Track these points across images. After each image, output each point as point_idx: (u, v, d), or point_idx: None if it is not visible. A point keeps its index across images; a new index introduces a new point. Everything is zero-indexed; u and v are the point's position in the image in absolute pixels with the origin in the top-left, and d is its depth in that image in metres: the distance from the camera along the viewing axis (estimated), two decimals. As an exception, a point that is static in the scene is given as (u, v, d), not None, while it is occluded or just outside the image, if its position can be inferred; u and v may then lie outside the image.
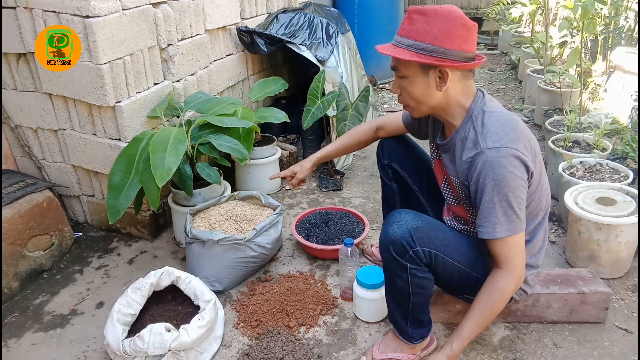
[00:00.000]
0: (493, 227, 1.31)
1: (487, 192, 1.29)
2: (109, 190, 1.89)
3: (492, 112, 1.36)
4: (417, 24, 1.29)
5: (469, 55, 1.31)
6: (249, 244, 1.92)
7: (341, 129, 2.64)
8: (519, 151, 1.29)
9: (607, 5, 2.96)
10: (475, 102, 1.38)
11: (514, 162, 1.28)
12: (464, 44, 1.29)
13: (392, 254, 1.37)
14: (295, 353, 1.61)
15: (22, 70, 2.16)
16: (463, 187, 1.42)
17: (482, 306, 1.37)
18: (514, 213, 1.30)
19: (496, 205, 1.29)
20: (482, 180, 1.30)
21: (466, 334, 1.38)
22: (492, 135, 1.31)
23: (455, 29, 1.26)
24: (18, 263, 2.02)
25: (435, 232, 1.40)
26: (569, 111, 2.69)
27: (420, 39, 1.28)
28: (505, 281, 1.34)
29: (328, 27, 3.01)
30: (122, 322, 1.60)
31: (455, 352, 1.38)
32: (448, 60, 1.28)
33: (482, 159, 1.29)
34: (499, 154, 1.28)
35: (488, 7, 5.97)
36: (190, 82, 2.47)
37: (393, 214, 1.43)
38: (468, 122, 1.37)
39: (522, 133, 1.35)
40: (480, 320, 1.37)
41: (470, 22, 1.29)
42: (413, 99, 1.39)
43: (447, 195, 1.59)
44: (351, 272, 1.84)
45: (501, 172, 1.27)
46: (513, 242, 1.32)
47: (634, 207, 1.89)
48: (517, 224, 1.31)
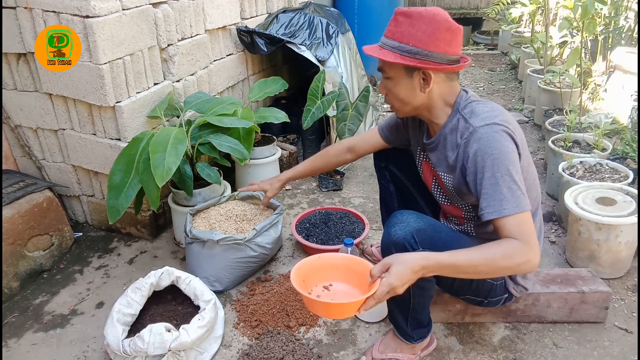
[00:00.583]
0: (500, 205, 1.23)
1: (488, 169, 1.26)
2: (109, 190, 1.89)
3: (477, 102, 1.39)
4: (402, 26, 1.30)
5: (453, 57, 1.32)
6: (249, 244, 1.92)
7: (341, 129, 2.64)
8: (509, 129, 1.30)
9: (607, 5, 2.96)
10: (460, 98, 1.40)
11: (506, 136, 1.29)
12: (448, 47, 1.29)
13: None
14: (295, 353, 1.61)
15: (22, 70, 2.16)
16: (455, 180, 1.40)
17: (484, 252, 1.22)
18: (518, 188, 1.24)
19: (499, 180, 1.24)
20: (481, 157, 1.27)
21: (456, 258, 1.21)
22: (482, 116, 1.33)
23: (440, 32, 1.27)
24: (18, 263, 2.02)
25: (437, 233, 1.39)
26: (569, 111, 2.69)
27: (405, 41, 1.29)
28: (518, 245, 1.20)
29: (328, 27, 3.01)
30: (122, 322, 1.60)
31: (431, 256, 1.20)
32: (432, 63, 1.29)
33: (476, 137, 1.29)
34: (492, 130, 1.28)
35: (488, 7, 5.97)
36: (190, 82, 2.47)
37: (395, 215, 1.42)
38: (455, 115, 1.38)
39: (509, 118, 1.36)
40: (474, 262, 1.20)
41: (455, 25, 1.30)
42: (398, 99, 1.40)
43: (439, 196, 1.59)
44: (351, 272, 1.84)
45: (498, 146, 1.26)
46: (522, 219, 1.23)
47: (634, 207, 1.89)
48: (522, 200, 1.24)
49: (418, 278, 1.20)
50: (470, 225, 1.53)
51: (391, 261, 1.19)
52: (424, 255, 1.21)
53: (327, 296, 1.33)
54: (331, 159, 1.90)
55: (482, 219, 1.27)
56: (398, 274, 1.17)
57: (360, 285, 1.31)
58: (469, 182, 1.33)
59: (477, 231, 1.51)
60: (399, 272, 1.17)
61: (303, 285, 1.29)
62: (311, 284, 1.34)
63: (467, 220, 1.53)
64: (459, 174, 1.37)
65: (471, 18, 7.49)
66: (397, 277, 1.16)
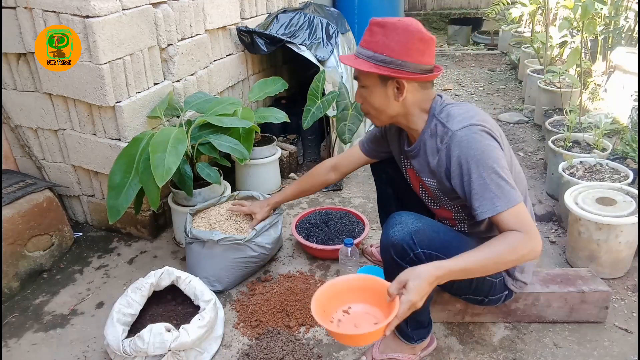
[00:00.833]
0: (492, 203, 1.26)
1: (473, 171, 1.28)
2: (109, 190, 1.89)
3: (452, 105, 1.40)
4: (377, 36, 1.33)
5: (426, 67, 1.34)
6: (248, 244, 1.92)
7: (341, 129, 2.64)
8: (487, 128, 1.32)
9: (607, 5, 2.96)
10: (435, 103, 1.42)
11: (485, 135, 1.31)
12: (421, 57, 1.32)
13: (393, 256, 1.37)
14: (295, 353, 1.61)
15: (22, 70, 2.16)
16: (441, 184, 1.41)
17: (490, 250, 1.24)
18: (507, 183, 1.27)
19: (486, 180, 1.26)
20: (464, 161, 1.29)
21: (463, 259, 1.23)
22: (458, 118, 1.34)
23: (412, 42, 1.30)
24: (18, 263, 2.02)
25: (436, 234, 1.40)
26: (569, 111, 2.69)
27: (379, 50, 1.32)
28: (520, 236, 1.23)
29: (328, 27, 3.01)
30: (122, 322, 1.60)
31: (443, 265, 1.22)
32: (405, 72, 1.32)
33: (456, 141, 1.31)
34: (470, 131, 1.30)
35: (488, 7, 5.97)
36: (190, 82, 2.48)
37: (394, 216, 1.43)
38: (432, 120, 1.40)
39: (486, 117, 1.38)
40: (482, 260, 1.23)
41: (428, 35, 1.32)
42: (373, 108, 1.43)
43: (428, 201, 1.60)
44: (351, 272, 1.84)
45: (479, 146, 1.29)
46: (517, 211, 1.26)
47: (634, 207, 1.89)
48: (513, 194, 1.26)
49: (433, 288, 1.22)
50: (463, 225, 1.53)
51: (406, 277, 1.20)
52: (435, 266, 1.22)
53: (349, 321, 1.32)
54: (316, 180, 1.92)
55: (477, 218, 1.29)
56: (416, 289, 1.18)
57: (377, 302, 1.31)
58: (454, 185, 1.35)
59: (470, 231, 1.52)
60: (416, 287, 1.18)
61: (324, 315, 1.29)
62: (331, 311, 1.34)
63: (459, 222, 1.54)
64: (443, 177, 1.39)
65: (471, 18, 7.49)
66: (416, 292, 1.18)
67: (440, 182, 1.41)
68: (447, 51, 6.46)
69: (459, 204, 1.46)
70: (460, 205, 1.46)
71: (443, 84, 4.92)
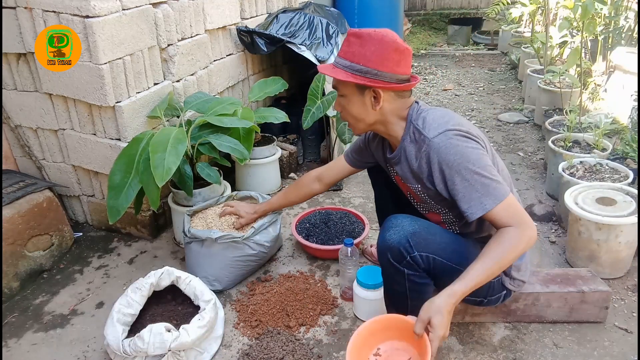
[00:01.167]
0: (480, 202, 1.28)
1: (455, 176, 1.30)
2: (109, 190, 1.89)
3: (427, 110, 1.42)
4: (353, 47, 1.35)
5: (402, 77, 1.37)
6: (247, 242, 1.92)
7: (341, 129, 2.64)
8: (462, 130, 1.34)
9: (607, 5, 2.96)
10: (412, 110, 1.43)
11: (462, 138, 1.32)
12: (397, 67, 1.34)
13: (390, 260, 1.38)
14: (295, 353, 1.61)
15: (22, 70, 2.16)
16: (425, 189, 1.43)
17: (492, 254, 1.27)
18: (492, 180, 1.29)
19: (470, 181, 1.29)
20: (445, 167, 1.31)
21: (471, 277, 1.26)
22: (434, 125, 1.36)
23: (388, 52, 1.32)
24: (18, 263, 2.02)
25: (432, 236, 1.40)
26: (569, 111, 2.69)
27: (356, 60, 1.34)
28: (516, 232, 1.27)
29: (328, 27, 3.01)
30: (122, 322, 1.60)
31: (455, 292, 1.25)
32: (381, 82, 1.34)
33: (433, 148, 1.33)
34: (446, 137, 1.32)
35: (488, 7, 5.97)
36: (190, 82, 2.48)
37: (390, 219, 1.43)
38: (409, 127, 1.42)
39: (460, 120, 1.39)
40: (488, 268, 1.26)
41: (403, 46, 1.34)
42: (352, 116, 1.45)
43: (417, 206, 1.61)
44: (351, 272, 1.84)
45: (456, 151, 1.30)
46: (507, 205, 1.28)
47: (634, 207, 1.89)
48: (499, 189, 1.28)
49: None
50: (454, 228, 1.54)
51: (428, 315, 1.23)
52: (449, 294, 1.25)
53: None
54: (301, 190, 1.94)
55: (469, 220, 1.32)
56: (441, 324, 1.21)
57: (402, 335, 1.34)
58: (440, 190, 1.37)
59: (462, 231, 1.53)
60: (441, 323, 1.21)
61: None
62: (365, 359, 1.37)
63: (449, 224, 1.55)
64: (426, 182, 1.40)
65: (471, 18, 7.49)
66: (442, 327, 1.21)
67: (425, 187, 1.43)
68: (447, 51, 6.46)
69: (446, 206, 1.47)
70: (447, 207, 1.48)
71: (443, 84, 4.92)
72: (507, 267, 1.32)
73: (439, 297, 1.26)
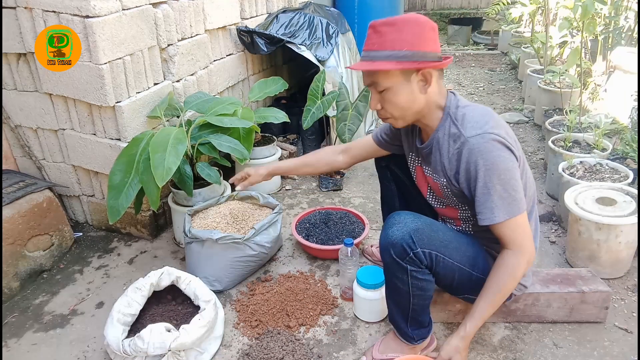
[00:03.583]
0: (491, 212, 1.31)
1: (480, 179, 1.31)
2: (109, 190, 1.89)
3: (466, 106, 1.41)
4: (389, 35, 1.31)
5: (440, 54, 1.36)
6: (247, 243, 1.92)
7: (341, 129, 2.64)
8: (500, 136, 1.32)
9: (607, 5, 2.96)
10: (449, 101, 1.42)
11: (498, 145, 1.31)
12: (435, 45, 1.34)
13: (393, 256, 1.37)
14: (295, 353, 1.61)
15: (22, 70, 2.16)
16: (450, 184, 1.43)
17: (494, 286, 1.35)
18: (510, 195, 1.30)
19: (490, 190, 1.30)
20: (473, 168, 1.32)
21: (479, 314, 1.35)
22: (472, 124, 1.34)
23: (426, 31, 1.32)
24: (18, 263, 2.02)
25: (435, 233, 1.40)
26: (569, 111, 2.69)
27: (397, 47, 1.30)
28: (514, 259, 1.34)
29: (328, 27, 3.01)
30: (122, 322, 1.60)
31: (469, 332, 1.35)
32: (428, 62, 1.32)
33: (468, 148, 1.32)
34: (483, 140, 1.31)
35: (488, 7, 5.97)
36: (190, 82, 2.48)
37: (393, 216, 1.43)
38: (446, 119, 1.40)
39: (499, 122, 1.38)
40: (492, 300, 1.35)
41: (434, 23, 1.35)
42: (398, 108, 1.39)
43: (433, 200, 1.60)
44: (351, 272, 1.84)
45: (489, 156, 1.30)
46: (515, 223, 1.32)
47: (634, 207, 1.89)
48: (514, 206, 1.31)
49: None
50: (468, 225, 1.53)
51: (448, 356, 1.36)
52: (463, 336, 1.36)
53: None
54: (323, 158, 1.88)
55: (478, 223, 1.35)
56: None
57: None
58: (462, 188, 1.38)
59: (475, 229, 1.52)
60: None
61: None
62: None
63: (464, 221, 1.53)
64: (452, 179, 1.40)
65: (471, 18, 7.50)
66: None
67: (449, 182, 1.42)
68: (447, 51, 6.46)
69: (466, 203, 1.47)
70: (467, 205, 1.47)
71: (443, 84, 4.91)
72: (511, 292, 1.38)
73: (454, 339, 1.36)
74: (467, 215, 1.51)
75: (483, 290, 1.37)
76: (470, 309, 1.39)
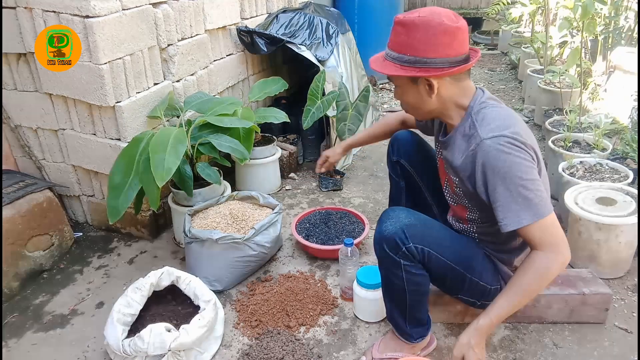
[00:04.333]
0: (517, 216, 1.24)
1: (499, 183, 1.24)
2: (109, 190, 1.89)
3: (492, 106, 1.35)
4: (400, 37, 1.29)
5: (456, 59, 1.29)
6: (247, 243, 1.92)
7: (341, 129, 2.64)
8: (518, 138, 1.26)
9: (607, 5, 2.95)
10: (474, 100, 1.37)
11: (515, 147, 1.25)
12: (449, 50, 1.27)
13: (385, 249, 1.37)
14: (295, 353, 1.61)
15: (22, 70, 2.16)
16: (463, 185, 1.40)
17: (517, 285, 1.27)
18: (535, 196, 1.23)
19: (512, 193, 1.23)
20: (490, 172, 1.26)
21: (495, 311, 1.27)
22: (490, 126, 1.29)
23: (436, 37, 1.25)
24: (18, 263, 2.02)
25: (428, 229, 1.40)
26: (569, 111, 2.69)
27: (403, 51, 1.29)
28: (545, 260, 1.24)
29: (328, 27, 3.01)
30: (122, 322, 1.60)
31: (481, 326, 1.28)
32: (432, 70, 1.27)
33: (482, 150, 1.27)
34: (499, 142, 1.25)
35: (488, 7, 5.97)
36: (190, 82, 2.47)
37: (387, 212, 1.43)
38: (467, 119, 1.36)
39: (522, 126, 1.33)
40: (512, 299, 1.27)
41: (452, 26, 1.25)
42: (410, 106, 1.43)
43: (448, 194, 1.59)
44: (351, 272, 1.84)
45: (506, 158, 1.24)
46: (544, 225, 1.24)
47: (634, 207, 1.89)
48: (541, 207, 1.23)
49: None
50: (473, 226, 1.53)
51: (460, 353, 1.28)
52: (475, 328, 1.29)
53: None
54: (387, 128, 1.94)
55: (502, 230, 1.27)
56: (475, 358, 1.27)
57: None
58: (479, 193, 1.32)
59: (479, 232, 1.51)
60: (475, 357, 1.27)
61: None
62: None
63: (471, 222, 1.53)
64: (465, 180, 1.37)
65: (471, 18, 7.48)
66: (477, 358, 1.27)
67: (462, 183, 1.39)
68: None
69: (476, 206, 1.44)
70: (477, 207, 1.44)
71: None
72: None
73: (465, 334, 1.30)
74: (475, 217, 1.49)
75: (507, 288, 1.29)
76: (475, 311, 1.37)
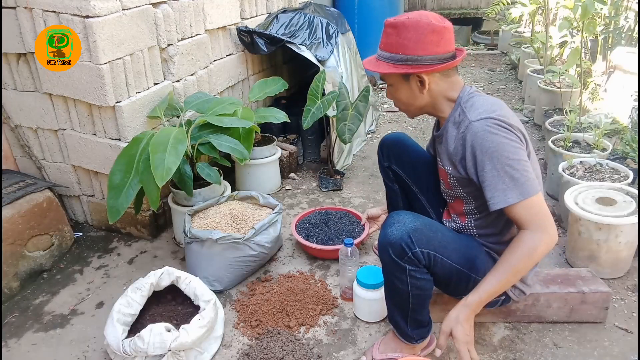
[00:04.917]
0: (504, 194, 1.28)
1: (487, 163, 1.30)
2: (109, 190, 1.89)
3: (479, 95, 1.44)
4: (391, 37, 1.40)
5: (444, 56, 1.38)
6: (247, 243, 1.92)
7: (341, 129, 2.64)
8: (505, 120, 1.33)
9: (607, 5, 2.95)
10: (463, 92, 1.45)
11: (502, 129, 1.31)
12: (437, 47, 1.36)
13: (391, 255, 1.37)
14: (295, 353, 1.61)
15: (22, 70, 2.16)
16: (455, 171, 1.44)
17: (505, 264, 1.29)
18: (522, 175, 1.28)
19: (500, 172, 1.29)
20: (479, 152, 1.32)
21: (484, 288, 1.29)
22: (478, 110, 1.37)
23: (425, 35, 1.35)
24: (18, 263, 2.02)
25: (434, 233, 1.40)
26: (569, 111, 2.69)
27: (394, 50, 1.39)
28: (532, 238, 1.27)
29: (328, 27, 3.01)
30: (122, 322, 1.60)
31: (469, 302, 1.30)
32: (423, 66, 1.37)
33: (471, 131, 1.34)
34: (486, 124, 1.32)
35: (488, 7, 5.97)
36: (190, 82, 2.47)
37: (392, 215, 1.43)
38: (457, 108, 1.44)
39: (509, 112, 1.39)
40: (501, 278, 1.29)
41: (439, 25, 1.36)
42: (402, 103, 1.52)
43: (444, 193, 1.61)
44: (351, 272, 1.84)
45: (494, 139, 1.30)
46: (530, 204, 1.28)
47: (634, 207, 1.89)
48: (528, 186, 1.28)
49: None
50: (471, 221, 1.53)
51: (448, 327, 1.29)
52: (463, 304, 1.31)
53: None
54: None
55: (490, 209, 1.32)
56: (462, 333, 1.28)
57: None
58: (470, 175, 1.38)
59: (477, 225, 1.52)
60: (462, 331, 1.28)
61: None
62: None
63: (468, 215, 1.53)
64: (458, 165, 1.42)
65: (471, 18, 7.49)
66: (463, 336, 1.28)
67: (456, 170, 1.44)
68: (447, 51, 6.44)
69: (471, 195, 1.47)
70: (472, 196, 1.48)
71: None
72: (525, 273, 1.33)
73: (454, 310, 1.31)
74: (471, 207, 1.51)
75: (495, 267, 1.31)
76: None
